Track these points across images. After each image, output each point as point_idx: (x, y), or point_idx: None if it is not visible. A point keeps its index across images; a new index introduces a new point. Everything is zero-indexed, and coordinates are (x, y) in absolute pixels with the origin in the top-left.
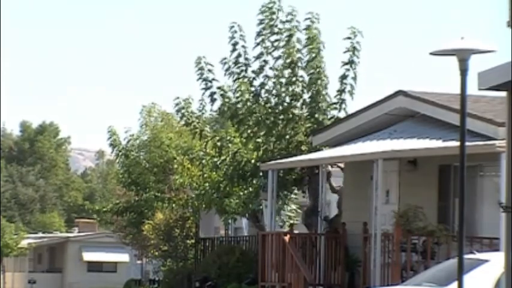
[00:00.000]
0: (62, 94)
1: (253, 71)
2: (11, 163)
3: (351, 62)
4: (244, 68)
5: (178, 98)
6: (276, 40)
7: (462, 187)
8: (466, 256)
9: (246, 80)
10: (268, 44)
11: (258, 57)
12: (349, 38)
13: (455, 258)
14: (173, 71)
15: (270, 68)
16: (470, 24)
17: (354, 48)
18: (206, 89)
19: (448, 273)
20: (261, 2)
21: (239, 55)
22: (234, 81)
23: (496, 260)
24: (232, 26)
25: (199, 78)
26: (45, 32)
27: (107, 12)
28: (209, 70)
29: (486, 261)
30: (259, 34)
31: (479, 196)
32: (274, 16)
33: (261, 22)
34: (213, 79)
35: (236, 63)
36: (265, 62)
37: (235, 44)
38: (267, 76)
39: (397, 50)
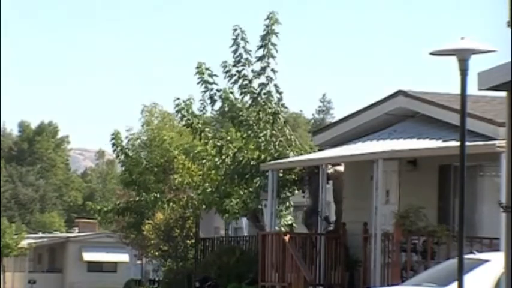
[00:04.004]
0: (61, 94)
1: (252, 70)
2: (11, 163)
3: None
4: (245, 65)
5: (178, 99)
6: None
7: (462, 187)
8: (466, 256)
9: (246, 81)
10: (271, 47)
11: (260, 59)
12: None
13: (455, 258)
14: (174, 71)
15: (272, 70)
16: (470, 24)
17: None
18: (206, 91)
19: (448, 273)
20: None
21: (240, 55)
22: (234, 83)
23: (496, 260)
24: (236, 29)
25: (200, 82)
26: (45, 32)
27: (107, 12)
28: (209, 75)
29: (486, 261)
30: (263, 38)
31: (479, 196)
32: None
33: (266, 26)
34: (213, 83)
35: (238, 62)
36: (268, 63)
37: (238, 44)
38: (268, 77)
39: (397, 50)
